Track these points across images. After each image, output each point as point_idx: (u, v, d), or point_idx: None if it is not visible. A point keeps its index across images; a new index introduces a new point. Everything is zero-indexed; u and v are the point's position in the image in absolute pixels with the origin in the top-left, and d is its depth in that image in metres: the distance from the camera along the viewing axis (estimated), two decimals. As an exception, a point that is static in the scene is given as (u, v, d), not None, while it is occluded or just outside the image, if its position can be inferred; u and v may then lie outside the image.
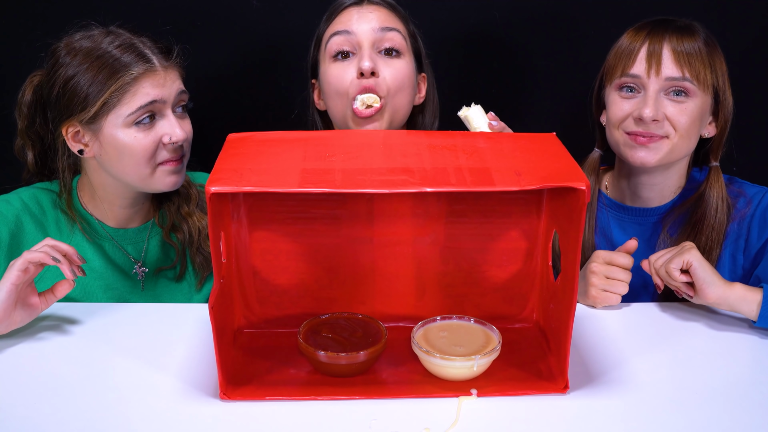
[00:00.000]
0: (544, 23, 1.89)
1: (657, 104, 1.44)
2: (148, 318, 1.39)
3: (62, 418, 1.11)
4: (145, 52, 1.42)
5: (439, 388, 1.17)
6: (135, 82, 1.39)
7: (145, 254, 1.56)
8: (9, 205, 1.50)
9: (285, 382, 1.19)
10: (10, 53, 1.87)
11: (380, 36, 1.48)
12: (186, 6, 1.85)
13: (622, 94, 1.49)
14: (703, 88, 1.44)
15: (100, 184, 1.51)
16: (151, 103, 1.40)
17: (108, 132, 1.41)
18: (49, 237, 1.33)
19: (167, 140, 1.42)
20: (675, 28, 1.46)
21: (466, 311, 1.33)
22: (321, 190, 1.05)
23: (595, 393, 1.18)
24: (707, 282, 1.32)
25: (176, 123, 1.43)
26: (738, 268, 1.53)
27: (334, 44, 1.50)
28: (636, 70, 1.45)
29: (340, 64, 1.50)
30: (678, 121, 1.44)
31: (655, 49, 1.44)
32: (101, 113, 1.40)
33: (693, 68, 1.43)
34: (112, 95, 1.39)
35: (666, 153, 1.47)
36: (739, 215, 1.53)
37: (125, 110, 1.40)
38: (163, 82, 1.42)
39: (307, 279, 1.33)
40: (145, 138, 1.41)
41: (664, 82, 1.43)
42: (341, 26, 1.50)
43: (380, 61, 1.49)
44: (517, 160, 1.14)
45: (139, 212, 1.56)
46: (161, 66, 1.42)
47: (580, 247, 1.11)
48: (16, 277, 1.26)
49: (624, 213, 1.60)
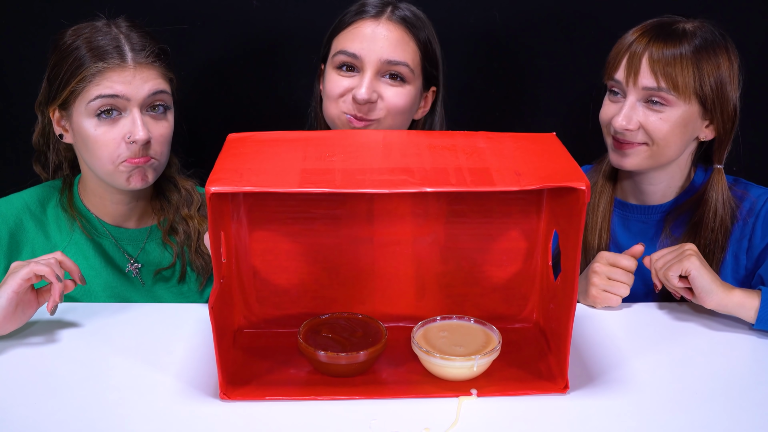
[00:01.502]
0: (545, 23, 1.89)
1: (631, 113, 1.44)
2: (149, 318, 1.39)
3: (62, 418, 1.11)
4: (122, 48, 1.42)
5: (439, 388, 1.17)
6: (101, 74, 1.40)
7: (143, 254, 1.56)
8: (10, 205, 1.51)
9: (285, 382, 1.19)
10: (9, 52, 1.86)
11: (386, 67, 1.48)
12: (186, 6, 1.85)
13: (610, 96, 1.50)
14: (684, 98, 1.43)
15: (87, 175, 1.52)
16: (113, 96, 1.40)
17: (76, 120, 1.43)
18: (59, 251, 1.34)
19: (128, 139, 1.42)
20: (664, 35, 1.44)
21: (466, 311, 1.33)
22: (321, 190, 1.05)
23: (595, 393, 1.18)
24: (705, 290, 1.33)
25: (140, 123, 1.41)
26: (741, 267, 1.53)
27: (339, 60, 1.49)
28: (618, 76, 1.46)
29: (341, 77, 1.50)
30: (655, 130, 1.44)
31: (634, 58, 1.43)
32: (70, 99, 1.42)
33: (670, 78, 1.41)
34: (78, 84, 1.40)
35: (644, 159, 1.48)
36: (743, 216, 1.53)
37: (87, 96, 1.40)
38: (130, 79, 1.41)
39: (307, 279, 1.33)
40: (106, 133, 1.41)
41: (642, 92, 1.43)
42: (350, 45, 1.48)
43: (381, 85, 1.48)
44: (517, 160, 1.14)
45: (134, 210, 1.56)
46: (134, 63, 1.41)
47: (580, 247, 1.11)
48: (18, 285, 1.26)
49: (627, 211, 1.60)
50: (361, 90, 1.46)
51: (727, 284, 1.35)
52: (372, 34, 1.48)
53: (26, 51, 1.84)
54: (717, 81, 1.44)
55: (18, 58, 1.84)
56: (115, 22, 1.47)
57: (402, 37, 1.49)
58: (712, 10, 1.82)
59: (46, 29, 1.51)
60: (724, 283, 1.35)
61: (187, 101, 1.90)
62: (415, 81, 1.51)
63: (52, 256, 1.31)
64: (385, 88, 1.49)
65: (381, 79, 1.48)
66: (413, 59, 1.50)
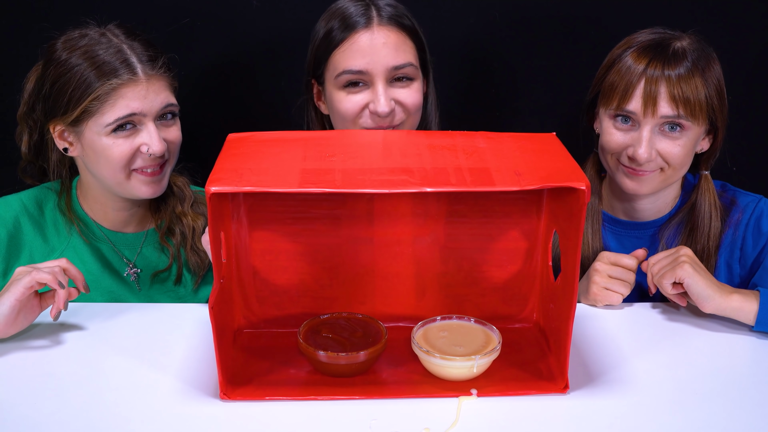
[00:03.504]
0: (545, 23, 1.89)
1: (651, 143, 1.43)
2: (148, 318, 1.39)
3: (62, 418, 1.11)
4: (130, 60, 1.40)
5: (439, 388, 1.17)
6: (115, 92, 1.38)
7: (140, 258, 1.56)
8: (8, 207, 1.51)
9: (285, 382, 1.19)
10: (10, 53, 1.86)
11: (393, 73, 1.48)
12: (186, 6, 1.85)
13: (617, 124, 1.47)
14: (700, 121, 1.43)
15: (89, 183, 1.51)
16: (131, 115, 1.40)
17: (88, 136, 1.42)
18: (65, 258, 1.33)
19: (145, 150, 1.42)
20: (670, 60, 1.41)
21: (466, 311, 1.33)
22: (321, 190, 1.05)
23: (595, 393, 1.18)
24: (702, 296, 1.33)
25: (156, 135, 1.41)
26: (734, 276, 1.54)
27: (345, 79, 1.48)
28: (632, 107, 1.43)
29: (351, 95, 1.49)
30: (671, 156, 1.44)
31: (651, 90, 1.40)
32: (82, 118, 1.40)
33: (689, 106, 1.41)
34: (92, 103, 1.38)
35: (659, 183, 1.48)
36: (732, 224, 1.53)
37: (104, 119, 1.39)
38: (145, 93, 1.40)
39: (307, 279, 1.33)
40: (122, 145, 1.41)
41: (660, 119, 1.42)
42: (353, 63, 1.46)
43: (394, 91, 1.49)
44: (517, 160, 1.14)
45: (134, 216, 1.56)
46: (145, 76, 1.40)
47: (580, 247, 1.11)
48: (21, 294, 1.26)
49: (620, 227, 1.59)
50: (380, 104, 1.46)
51: (724, 287, 1.35)
52: (371, 46, 1.46)
53: (25, 50, 1.84)
54: (719, 95, 1.45)
55: (12, 58, 1.84)
56: (109, 30, 1.44)
57: (399, 38, 1.48)
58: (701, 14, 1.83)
59: (45, 27, 1.50)
60: (722, 285, 1.35)
61: (187, 101, 1.90)
62: (419, 74, 1.52)
63: (57, 263, 1.30)
64: (398, 93, 1.49)
65: (391, 85, 1.49)
66: (414, 56, 1.50)
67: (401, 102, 1.49)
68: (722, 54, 1.50)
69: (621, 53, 1.47)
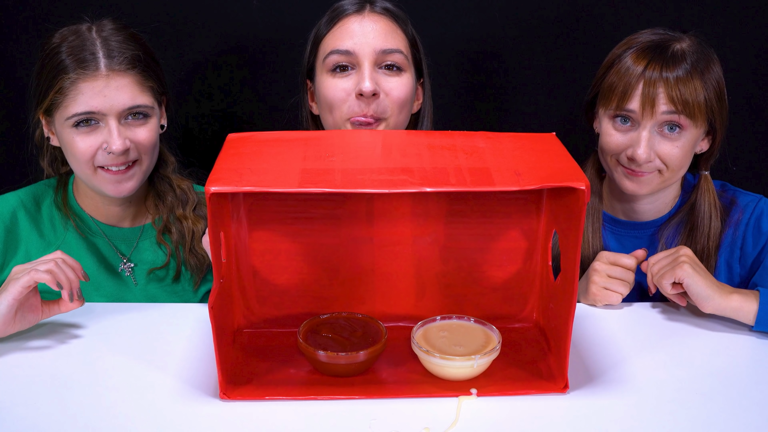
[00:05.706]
0: (544, 23, 1.89)
1: (650, 144, 1.43)
2: (148, 318, 1.39)
3: (62, 418, 1.11)
4: (96, 56, 1.39)
5: (439, 387, 1.17)
6: (73, 87, 1.38)
7: (136, 253, 1.56)
8: (5, 203, 1.52)
9: (285, 382, 1.19)
10: (10, 51, 1.86)
11: (381, 57, 1.46)
12: (186, 5, 1.85)
13: (616, 125, 1.46)
14: (699, 122, 1.43)
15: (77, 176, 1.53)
16: (89, 112, 1.39)
17: (58, 128, 1.44)
18: (59, 250, 1.33)
19: (104, 149, 1.41)
20: (669, 60, 1.41)
21: (466, 311, 1.33)
22: (321, 190, 1.05)
23: (595, 393, 1.18)
24: (701, 296, 1.33)
25: (116, 133, 1.40)
26: (734, 276, 1.54)
27: (332, 61, 1.47)
28: (632, 106, 1.43)
29: (338, 79, 1.47)
30: (671, 157, 1.44)
31: (650, 92, 1.40)
32: (52, 108, 1.42)
33: (687, 108, 1.41)
34: (56, 95, 1.40)
35: (658, 184, 1.48)
36: (732, 223, 1.53)
37: (67, 112, 1.40)
38: (102, 88, 1.38)
39: (307, 279, 1.33)
40: (85, 140, 1.41)
41: (659, 120, 1.42)
42: (341, 43, 1.46)
43: (381, 78, 1.46)
44: (517, 160, 1.14)
45: (127, 211, 1.56)
46: (107, 70, 1.39)
47: (580, 247, 1.11)
48: (19, 293, 1.26)
49: (620, 227, 1.59)
50: (365, 83, 1.43)
51: (724, 286, 1.35)
52: (360, 28, 1.46)
53: (21, 50, 1.84)
54: (718, 97, 1.45)
55: (11, 56, 1.84)
56: (99, 25, 1.44)
57: (389, 26, 1.48)
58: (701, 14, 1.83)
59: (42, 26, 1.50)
60: (721, 285, 1.35)
61: (186, 101, 1.91)
62: (409, 69, 1.50)
63: (53, 257, 1.29)
64: (385, 80, 1.46)
65: (379, 71, 1.46)
66: (405, 46, 1.49)
67: (387, 92, 1.46)
68: (722, 54, 1.50)
69: (621, 54, 1.47)
